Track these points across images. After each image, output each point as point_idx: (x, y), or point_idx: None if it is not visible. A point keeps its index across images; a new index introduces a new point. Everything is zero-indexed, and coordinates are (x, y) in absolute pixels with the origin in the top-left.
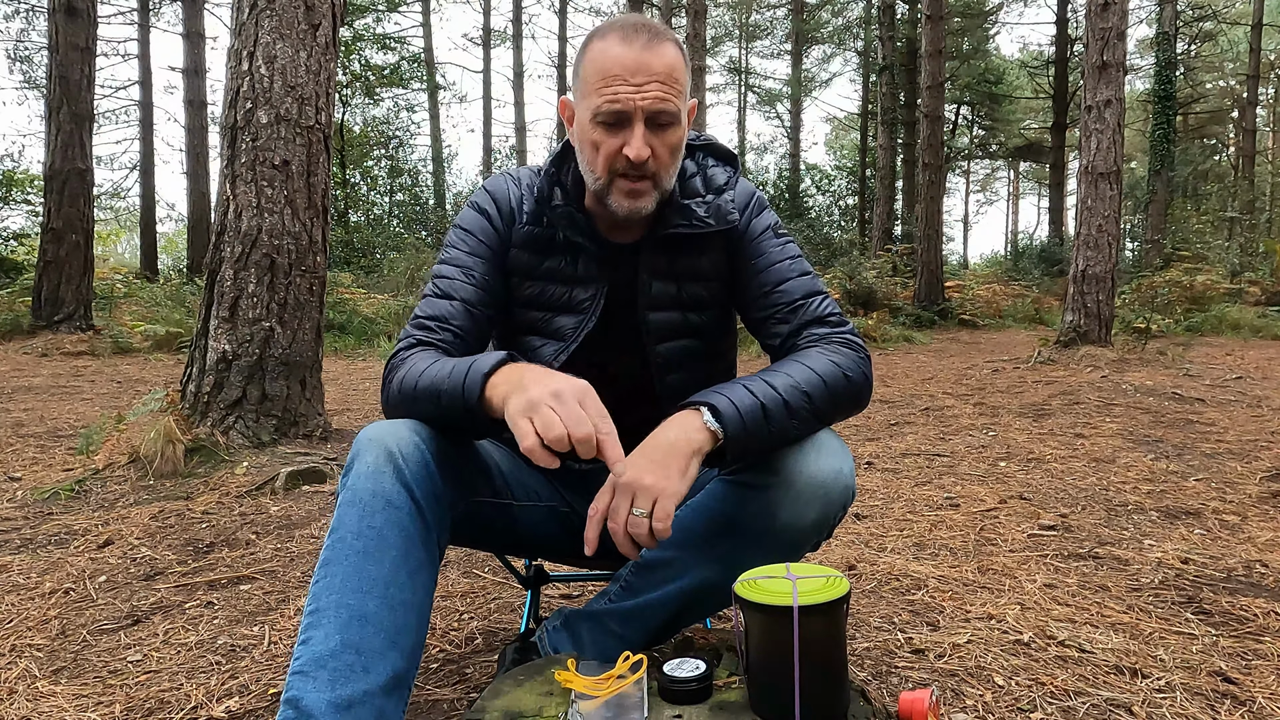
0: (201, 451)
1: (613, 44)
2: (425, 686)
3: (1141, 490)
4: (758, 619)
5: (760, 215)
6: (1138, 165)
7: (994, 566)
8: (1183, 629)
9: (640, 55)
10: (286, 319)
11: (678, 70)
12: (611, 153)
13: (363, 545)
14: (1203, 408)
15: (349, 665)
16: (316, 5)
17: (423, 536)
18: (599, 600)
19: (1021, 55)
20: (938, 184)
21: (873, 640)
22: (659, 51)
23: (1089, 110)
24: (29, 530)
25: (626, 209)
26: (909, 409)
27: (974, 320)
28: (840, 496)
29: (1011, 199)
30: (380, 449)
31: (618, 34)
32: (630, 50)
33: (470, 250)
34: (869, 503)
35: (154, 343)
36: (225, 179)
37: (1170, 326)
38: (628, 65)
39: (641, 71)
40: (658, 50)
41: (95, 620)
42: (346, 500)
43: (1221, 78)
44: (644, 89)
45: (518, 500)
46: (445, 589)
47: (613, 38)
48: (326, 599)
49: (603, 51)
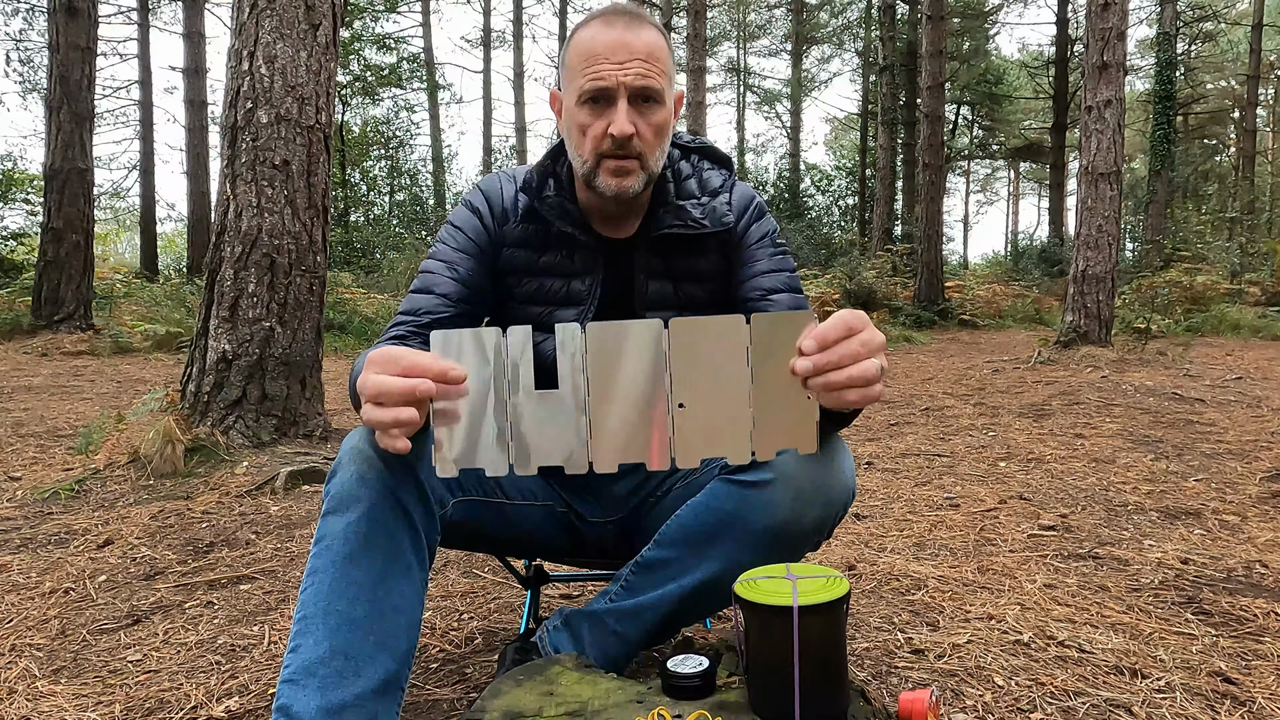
0: (201, 451)
1: (594, 29)
2: (425, 686)
3: (1141, 490)
4: (758, 619)
5: (759, 222)
6: (1138, 165)
7: (994, 566)
8: (1183, 629)
9: (621, 35)
10: (286, 319)
11: (659, 51)
12: (598, 133)
13: (348, 551)
14: (1203, 408)
15: (339, 671)
16: (317, 5)
17: (410, 539)
18: (599, 600)
19: (1021, 55)
20: (938, 184)
21: (873, 640)
22: (639, 32)
23: (1089, 110)
24: (29, 530)
25: (614, 188)
26: (909, 409)
27: (974, 320)
28: (841, 497)
29: (1011, 199)
30: (362, 456)
31: (599, 20)
32: (611, 31)
33: (458, 247)
34: (869, 503)
35: (154, 343)
36: (225, 179)
37: (1170, 327)
38: (610, 44)
39: (622, 50)
40: (638, 31)
41: (95, 620)
42: (330, 508)
43: (1222, 78)
44: (626, 65)
45: (511, 500)
46: (445, 589)
47: (594, 24)
48: (314, 606)
49: (585, 37)
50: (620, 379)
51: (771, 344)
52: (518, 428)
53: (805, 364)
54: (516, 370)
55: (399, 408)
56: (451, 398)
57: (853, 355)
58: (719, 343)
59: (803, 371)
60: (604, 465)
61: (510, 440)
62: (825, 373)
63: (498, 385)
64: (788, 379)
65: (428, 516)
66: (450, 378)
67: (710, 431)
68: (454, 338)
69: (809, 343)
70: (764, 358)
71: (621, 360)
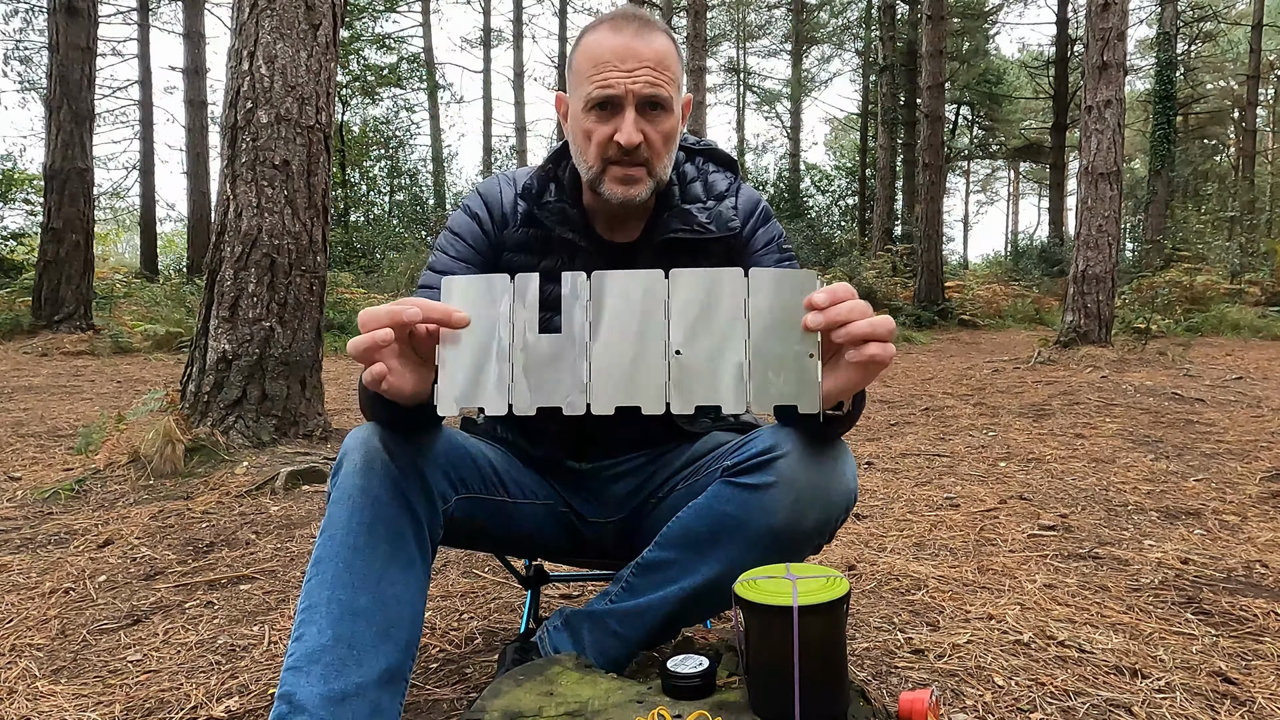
0: (201, 451)
1: (603, 34)
2: (425, 686)
3: (1141, 490)
4: (758, 619)
5: (765, 226)
6: (1138, 165)
7: (994, 566)
8: (1183, 629)
9: (630, 42)
10: (286, 319)
11: (668, 59)
12: (604, 140)
13: (353, 541)
14: (1203, 408)
15: (341, 659)
16: (317, 5)
17: (413, 532)
18: (599, 600)
19: (1021, 56)
20: (938, 184)
21: (873, 640)
22: (649, 39)
23: (1089, 110)
24: (29, 530)
25: (620, 196)
26: (909, 409)
27: (974, 320)
28: (842, 500)
29: (1011, 199)
30: (367, 448)
31: (608, 25)
32: (620, 38)
33: (457, 255)
34: (869, 503)
35: (154, 343)
36: (225, 179)
37: (1170, 327)
38: (618, 52)
39: (631, 58)
40: (647, 38)
41: (95, 620)
42: (336, 499)
43: (1221, 78)
44: (634, 74)
45: (512, 497)
46: (445, 589)
47: (603, 29)
48: (318, 595)
49: (594, 42)
50: (621, 325)
51: (773, 299)
52: (519, 370)
53: (817, 317)
54: (522, 315)
55: (376, 331)
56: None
57: (863, 310)
58: (718, 294)
59: (815, 325)
60: (601, 407)
61: (511, 381)
62: (845, 324)
63: (502, 328)
64: (789, 335)
65: (431, 510)
66: (453, 320)
67: (706, 379)
68: (462, 283)
69: (821, 296)
70: (763, 311)
71: (624, 307)
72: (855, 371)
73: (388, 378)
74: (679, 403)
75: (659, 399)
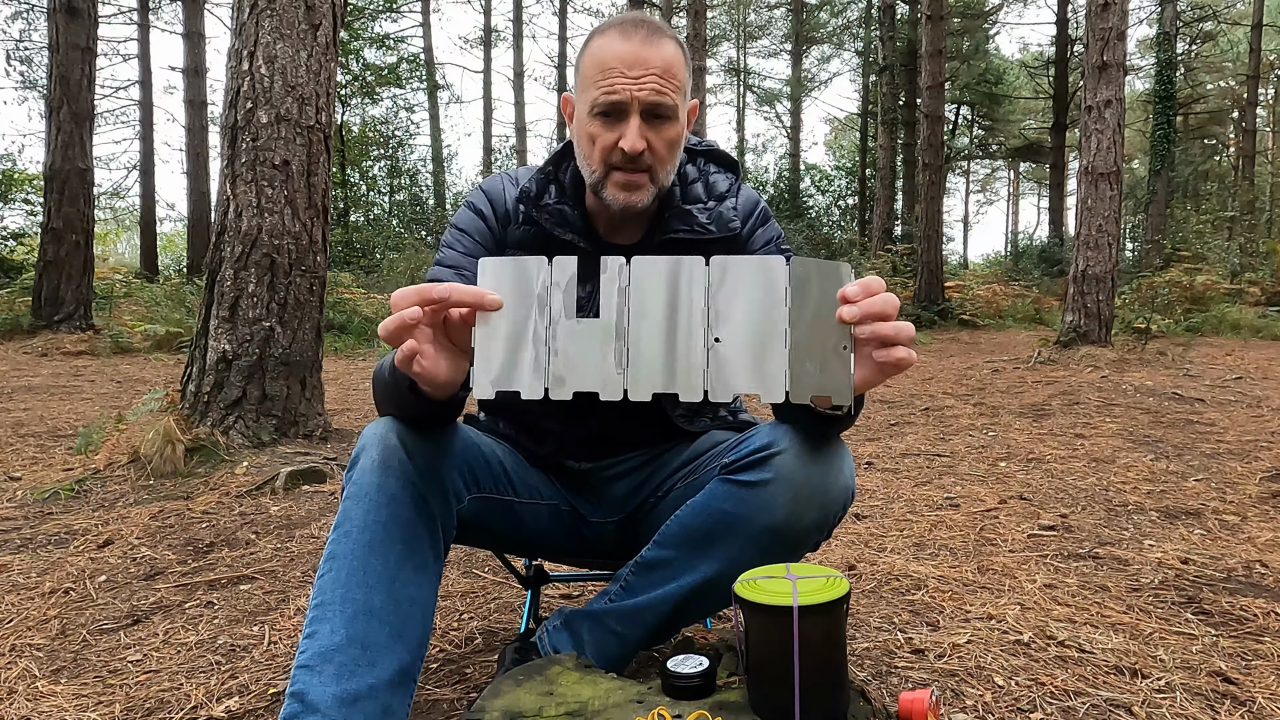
0: (201, 451)
1: (612, 39)
2: (425, 686)
3: (1141, 490)
4: (758, 619)
5: (765, 227)
6: (1138, 165)
7: (994, 566)
8: (1183, 629)
9: (638, 49)
10: (286, 319)
11: (676, 66)
12: (608, 145)
13: (368, 539)
14: (1203, 408)
15: (355, 659)
16: (317, 5)
17: (428, 532)
18: (599, 600)
19: (1021, 55)
20: (938, 184)
21: (873, 640)
22: (657, 46)
23: (1089, 110)
24: (29, 530)
25: (622, 202)
26: (909, 409)
27: (974, 320)
28: (840, 496)
29: (1011, 199)
30: (385, 444)
31: (617, 30)
32: (629, 44)
33: (465, 250)
34: (869, 503)
35: (154, 343)
36: (225, 179)
37: (1170, 327)
38: (625, 58)
39: (639, 65)
40: (656, 45)
41: (95, 620)
42: (351, 494)
43: (1221, 78)
44: (641, 81)
45: (520, 497)
46: (445, 589)
47: (612, 33)
48: (332, 593)
49: (602, 46)
50: (660, 311)
51: (810, 289)
52: (555, 354)
53: (852, 310)
54: (558, 298)
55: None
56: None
57: (895, 305)
58: (757, 282)
59: (850, 317)
60: (639, 394)
61: (547, 365)
62: (872, 321)
63: (540, 312)
64: (826, 327)
65: (446, 510)
66: (486, 303)
67: (746, 368)
68: (497, 265)
69: (853, 288)
70: (802, 302)
71: (662, 293)
72: (874, 370)
73: (419, 359)
74: (717, 391)
75: (697, 386)
